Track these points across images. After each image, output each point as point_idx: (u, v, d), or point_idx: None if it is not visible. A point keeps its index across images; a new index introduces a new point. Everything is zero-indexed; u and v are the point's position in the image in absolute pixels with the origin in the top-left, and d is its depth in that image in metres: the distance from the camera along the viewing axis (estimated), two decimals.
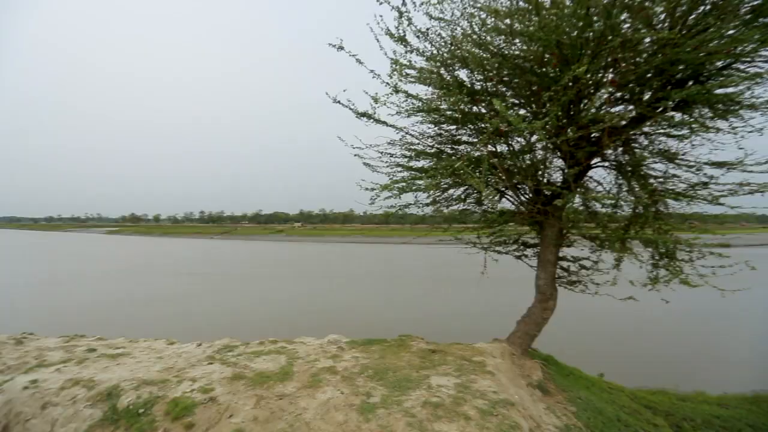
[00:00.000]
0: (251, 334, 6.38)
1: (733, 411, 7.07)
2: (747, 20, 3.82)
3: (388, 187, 4.68)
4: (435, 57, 4.92)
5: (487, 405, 3.71)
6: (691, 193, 4.76)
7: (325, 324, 14.82)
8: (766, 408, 7.42)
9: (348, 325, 15.37)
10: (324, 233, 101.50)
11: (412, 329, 6.37)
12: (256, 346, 5.38)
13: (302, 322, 16.54)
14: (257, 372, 4.40)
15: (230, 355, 5.00)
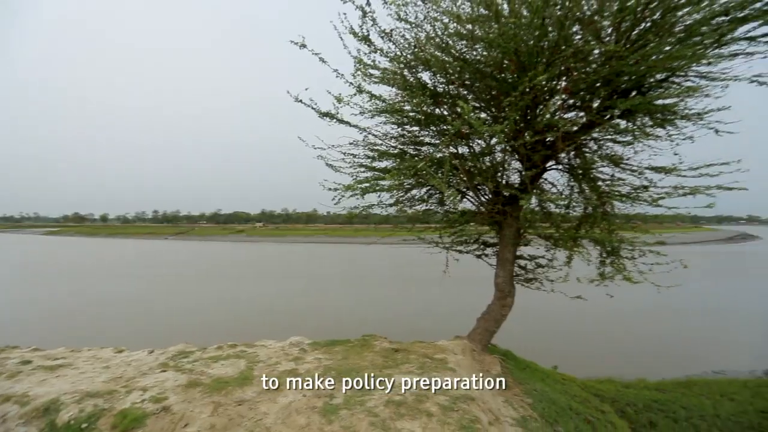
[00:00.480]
0: (209, 339, 6.11)
1: (669, 395, 7.72)
2: (681, 38, 4.17)
3: (352, 187, 4.67)
4: (399, 58, 4.97)
5: (448, 401, 3.79)
6: (634, 195, 5.13)
7: (287, 326, 14.53)
8: (697, 390, 8.17)
9: (311, 326, 15.16)
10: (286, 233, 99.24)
11: (377, 329, 6.38)
12: (214, 351, 5.17)
13: (264, 324, 16.08)
14: (215, 378, 4.23)
15: (185, 361, 4.76)
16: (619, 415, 6.50)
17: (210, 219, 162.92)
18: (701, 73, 4.56)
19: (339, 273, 34.72)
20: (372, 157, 5.49)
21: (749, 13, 3.86)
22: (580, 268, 5.70)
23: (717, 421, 6.57)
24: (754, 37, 4.10)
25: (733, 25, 3.94)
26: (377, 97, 4.87)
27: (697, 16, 4.06)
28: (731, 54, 4.26)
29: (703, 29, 4.02)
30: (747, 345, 14.17)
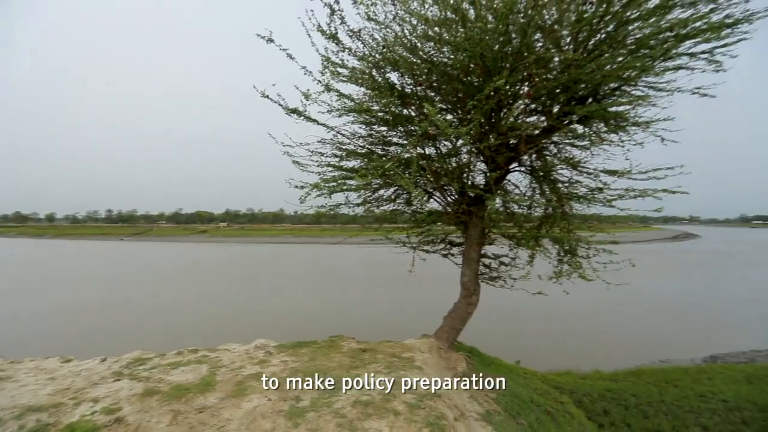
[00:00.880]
0: (168, 345, 5.83)
1: (621, 384, 8.21)
2: (632, 50, 4.45)
3: (319, 186, 4.62)
4: (367, 58, 4.97)
5: (415, 399, 3.83)
6: (590, 197, 5.42)
7: (252, 329, 14.14)
8: (646, 378, 8.74)
9: (278, 328, 14.84)
10: (252, 233, 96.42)
11: (345, 329, 6.35)
12: (174, 357, 4.93)
13: (228, 328, 15.56)
14: (174, 385, 4.04)
15: (142, 369, 4.51)
16: (577, 405, 6.84)
17: (170, 219, 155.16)
18: (650, 84, 4.90)
19: (306, 273, 34.22)
20: (340, 156, 5.46)
21: (690, 31, 4.19)
22: (542, 267, 5.95)
23: (662, 406, 7.07)
24: (694, 53, 4.47)
25: (677, 41, 4.26)
26: (346, 95, 4.86)
27: (646, 31, 4.36)
28: (675, 67, 4.61)
29: (651, 43, 4.32)
30: (689, 335, 15.33)
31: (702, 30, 4.15)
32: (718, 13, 4.17)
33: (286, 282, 28.80)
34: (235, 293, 24.16)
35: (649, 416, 6.77)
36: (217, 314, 18.58)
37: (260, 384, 4.09)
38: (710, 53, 4.43)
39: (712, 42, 4.29)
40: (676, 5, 4.23)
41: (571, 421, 5.82)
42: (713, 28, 4.09)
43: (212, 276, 32.55)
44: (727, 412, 6.68)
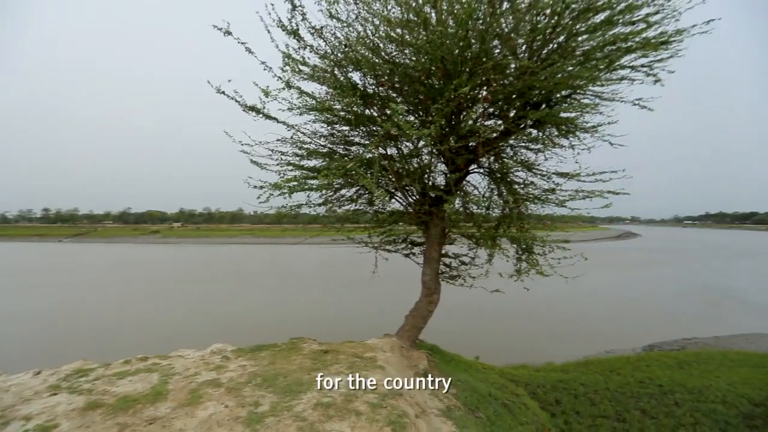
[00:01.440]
0: (114, 354, 5.44)
1: (571, 374, 8.72)
2: (581, 61, 4.74)
3: (279, 185, 4.52)
4: (329, 56, 4.92)
5: (377, 398, 3.84)
6: (544, 198, 5.70)
7: (208, 333, 13.56)
8: (593, 368, 9.34)
9: (236, 332, 14.34)
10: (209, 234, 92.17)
11: (307, 331, 6.25)
12: (120, 367, 4.61)
13: (181, 333, 14.80)
14: (121, 396, 3.77)
15: (84, 381, 4.17)
16: (531, 397, 7.18)
17: (117, 219, 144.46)
18: (596, 93, 5.24)
19: (266, 274, 33.24)
20: (301, 155, 5.37)
21: (631, 45, 4.53)
22: (501, 265, 6.18)
23: (607, 393, 7.59)
24: (635, 66, 4.84)
25: (619, 54, 4.59)
26: (307, 94, 4.77)
27: (593, 43, 4.66)
28: (619, 78, 4.97)
29: (597, 55, 4.62)
30: (631, 326, 16.55)
31: (641, 45, 4.50)
32: (654, 29, 4.55)
33: (245, 284, 27.82)
34: (189, 296, 23.02)
35: (595, 403, 7.23)
36: (170, 319, 17.60)
37: (216, 391, 3.93)
38: (649, 67, 4.82)
39: (650, 56, 4.68)
40: (619, 21, 4.57)
41: (526, 412, 6.09)
42: (650, 44, 4.45)
43: (164, 278, 30.77)
44: (662, 396, 7.29)
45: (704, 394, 7.16)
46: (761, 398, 6.88)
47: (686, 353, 10.92)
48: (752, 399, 6.90)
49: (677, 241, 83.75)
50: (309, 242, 6.75)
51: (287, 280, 29.75)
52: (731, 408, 6.68)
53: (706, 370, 8.69)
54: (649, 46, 4.47)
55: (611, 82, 5.00)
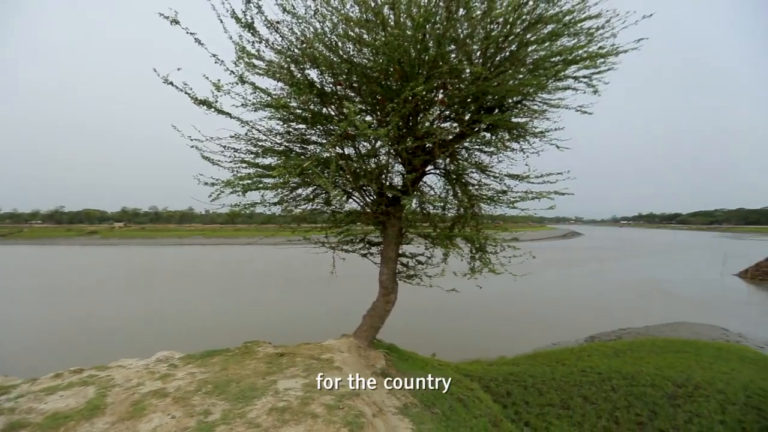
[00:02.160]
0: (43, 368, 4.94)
1: (521, 367, 9.17)
2: (531, 69, 5.01)
3: (232, 183, 4.34)
4: (285, 52, 4.80)
5: (333, 400, 3.81)
6: (496, 198, 5.96)
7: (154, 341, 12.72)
8: (541, 360, 9.89)
9: (185, 338, 13.57)
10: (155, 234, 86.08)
11: (262, 334, 6.06)
12: (50, 381, 4.20)
13: (122, 342, 13.77)
14: (50, 414, 3.43)
15: (4, 399, 3.75)
16: (484, 390, 7.46)
17: (48, 218, 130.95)
18: (545, 100, 5.56)
19: (219, 276, 31.78)
20: (255, 152, 5.19)
21: (575, 57, 4.86)
22: (455, 264, 6.36)
23: (553, 383, 8.07)
24: (577, 77, 5.20)
25: (564, 65, 4.90)
26: (262, 89, 4.62)
27: (542, 54, 4.94)
28: (564, 87, 5.31)
29: (546, 65, 4.90)
30: (575, 320, 17.70)
31: (582, 58, 4.85)
32: (594, 44, 4.92)
33: (195, 286, 26.39)
34: (131, 302, 21.43)
35: (543, 393, 7.66)
36: (109, 328, 16.28)
37: (162, 401, 3.70)
38: (589, 78, 5.19)
39: (590, 69, 5.05)
40: (564, 34, 4.88)
41: (479, 405, 6.32)
42: (590, 57, 4.80)
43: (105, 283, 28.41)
44: (601, 383, 7.87)
45: (636, 379, 7.83)
46: (682, 379, 7.66)
47: (621, 342, 11.88)
48: (675, 380, 7.65)
49: (614, 240, 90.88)
50: (264, 242, 6.55)
51: (241, 281, 28.62)
52: (658, 390, 7.37)
53: (638, 357, 9.51)
54: (589, 59, 4.83)
55: (557, 90, 5.34)
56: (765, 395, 6.97)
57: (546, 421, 6.75)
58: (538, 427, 6.63)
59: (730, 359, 9.23)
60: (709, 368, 8.42)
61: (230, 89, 4.48)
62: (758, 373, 8.24)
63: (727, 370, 8.34)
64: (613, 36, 4.90)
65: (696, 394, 7.16)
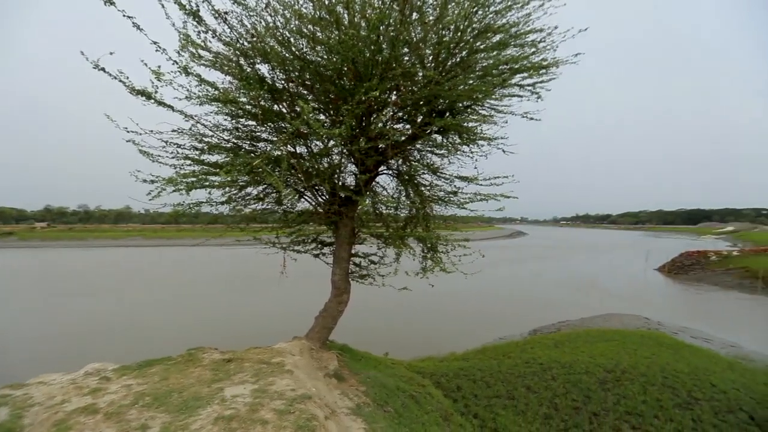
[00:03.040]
0: None
1: (470, 362, 9.53)
2: (480, 76, 5.23)
3: (174, 181, 4.07)
4: (234, 44, 4.59)
5: (284, 404, 3.71)
6: (447, 199, 6.14)
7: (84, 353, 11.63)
8: (489, 354, 10.35)
9: (121, 348, 12.54)
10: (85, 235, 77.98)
11: (209, 340, 5.76)
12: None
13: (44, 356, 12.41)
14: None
15: None
16: (436, 386, 7.66)
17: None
18: (493, 106, 5.82)
19: (160, 280, 29.66)
20: (201, 149, 4.91)
21: (520, 66, 5.16)
22: (407, 264, 6.47)
23: (500, 375, 8.47)
24: (523, 85, 5.51)
25: (511, 73, 5.18)
26: (208, 82, 4.38)
27: (490, 62, 5.18)
28: (511, 95, 5.61)
29: (493, 72, 5.14)
30: (520, 315, 18.75)
31: (527, 68, 5.16)
32: (538, 55, 5.25)
33: (133, 292, 24.40)
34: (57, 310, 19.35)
35: (490, 385, 8.02)
36: (28, 340, 14.58)
37: (92, 418, 3.38)
38: (533, 86, 5.53)
39: (534, 77, 5.38)
40: (511, 44, 5.16)
41: (431, 401, 6.48)
42: (534, 67, 5.12)
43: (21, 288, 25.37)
44: (542, 372, 8.40)
45: (573, 367, 8.45)
46: (612, 366, 8.39)
47: (561, 334, 12.78)
48: (606, 367, 8.37)
49: (555, 239, 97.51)
50: (210, 243, 6.21)
51: (185, 285, 26.94)
52: (591, 376, 8.01)
53: (574, 347, 10.28)
54: (533, 69, 5.15)
55: (504, 96, 5.62)
56: (678, 375, 7.84)
57: (493, 412, 7.07)
58: (486, 418, 6.93)
59: (651, 345, 10.28)
60: (633, 354, 9.31)
61: (173, 79, 4.20)
62: (673, 356, 9.26)
63: (648, 354, 9.27)
64: (553, 49, 5.27)
65: (623, 378, 7.87)
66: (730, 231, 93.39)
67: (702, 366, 8.51)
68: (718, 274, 29.01)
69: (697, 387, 7.42)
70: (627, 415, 6.82)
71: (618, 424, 6.62)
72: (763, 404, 6.87)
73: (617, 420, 6.73)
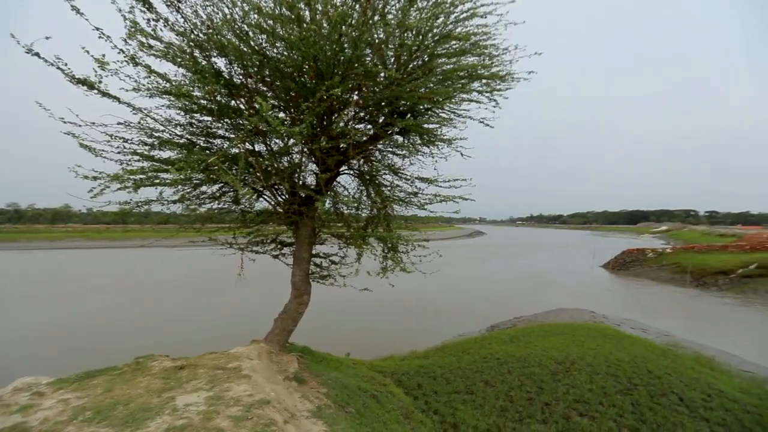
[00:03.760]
0: None
1: (430, 359, 9.72)
2: (440, 80, 5.35)
3: (120, 178, 3.81)
4: (188, 35, 4.38)
5: (241, 411, 3.60)
6: (408, 200, 6.22)
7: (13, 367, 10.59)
8: (448, 351, 10.61)
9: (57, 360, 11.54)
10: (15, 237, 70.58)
11: (160, 348, 5.44)
12: None
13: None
14: None
15: None
16: (397, 385, 7.73)
17: None
18: (453, 110, 5.98)
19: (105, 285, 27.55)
20: (151, 144, 4.62)
21: (479, 74, 5.35)
22: (368, 264, 6.48)
23: (459, 371, 8.72)
24: (481, 91, 5.71)
25: (469, 80, 5.35)
26: (159, 74, 4.13)
27: (450, 67, 5.32)
28: (470, 100, 5.79)
29: (453, 77, 5.29)
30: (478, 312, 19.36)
31: (485, 76, 5.36)
32: (496, 66, 5.48)
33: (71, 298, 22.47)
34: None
35: (450, 381, 8.23)
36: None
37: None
38: (490, 93, 5.74)
39: (491, 86, 5.60)
40: (470, 53, 5.34)
41: (392, 400, 6.53)
42: (491, 77, 5.34)
43: None
44: (499, 367, 8.74)
45: (527, 361, 8.87)
46: (562, 357, 8.91)
47: (516, 330, 13.37)
48: (556, 359, 8.87)
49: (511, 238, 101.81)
50: (161, 245, 5.86)
51: (133, 289, 25.23)
52: (544, 368, 8.46)
53: (528, 341, 10.80)
54: (490, 78, 5.37)
55: (464, 101, 5.80)
56: (620, 364, 8.47)
57: (453, 408, 7.26)
58: (445, 413, 7.10)
59: (597, 337, 11.03)
60: (581, 346, 9.93)
61: (119, 69, 3.93)
62: (615, 346, 9.99)
63: (594, 346, 9.93)
64: (510, 63, 5.53)
65: (572, 369, 8.38)
66: (665, 230, 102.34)
67: (640, 354, 9.25)
68: (654, 269, 31.67)
69: (636, 374, 8.05)
70: (575, 403, 7.26)
71: (567, 412, 7.03)
72: (689, 386, 7.58)
73: (567, 408, 7.14)
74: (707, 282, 26.36)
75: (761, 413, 6.83)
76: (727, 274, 26.22)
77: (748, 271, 25.39)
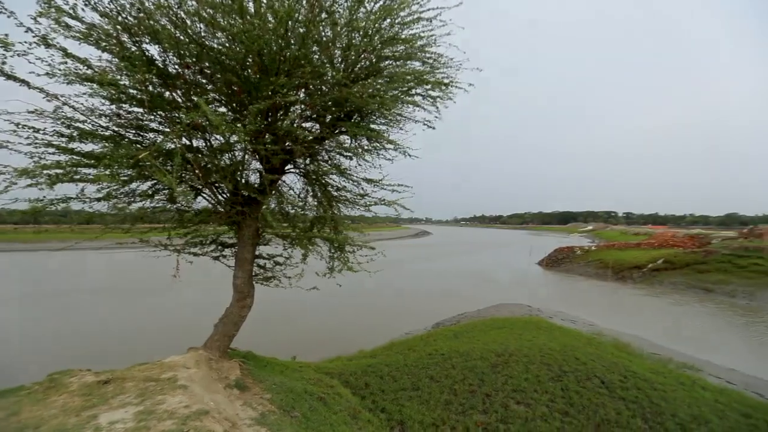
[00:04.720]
0: None
1: (378, 358, 9.79)
2: (387, 82, 5.42)
3: (31, 173, 3.38)
4: (115, 17, 4.00)
5: (176, 424, 3.38)
6: (354, 201, 6.21)
7: None
8: (395, 350, 10.76)
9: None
10: None
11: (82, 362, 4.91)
12: None
13: None
14: None
15: None
16: (345, 385, 7.69)
17: None
18: (399, 112, 6.07)
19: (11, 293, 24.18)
20: (69, 135, 4.14)
21: (424, 79, 5.51)
22: (314, 264, 6.38)
23: (406, 368, 8.88)
24: (425, 95, 5.87)
25: (415, 84, 5.49)
26: (78, 59, 3.73)
27: (397, 70, 5.41)
28: (414, 103, 5.92)
29: (400, 80, 5.38)
30: (424, 310, 19.86)
31: (430, 81, 5.53)
32: (441, 72, 5.68)
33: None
34: None
35: (396, 379, 8.35)
36: None
37: None
38: (434, 99, 5.93)
39: (436, 91, 5.78)
40: (416, 57, 5.47)
41: (339, 401, 6.49)
42: (435, 83, 5.51)
43: None
44: (443, 362, 9.05)
45: (470, 355, 9.28)
46: (501, 350, 9.45)
47: (460, 326, 13.91)
48: (496, 351, 9.39)
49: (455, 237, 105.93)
50: (82, 247, 5.29)
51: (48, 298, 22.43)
52: (485, 361, 8.90)
53: (471, 337, 11.30)
54: (435, 84, 5.54)
55: (409, 104, 5.92)
56: (552, 353, 9.17)
57: (399, 404, 7.38)
58: (392, 411, 7.20)
59: (532, 329, 11.84)
60: (519, 338, 10.60)
61: (27, 50, 3.48)
62: (548, 337, 10.80)
63: (530, 338, 10.66)
64: (457, 70, 5.75)
65: (510, 360, 8.91)
66: (590, 230, 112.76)
67: (569, 343, 10.09)
68: (582, 265, 34.70)
69: (566, 361, 8.76)
70: (513, 392, 7.73)
71: (506, 401, 7.47)
72: (609, 370, 8.42)
73: (505, 398, 7.58)
74: (624, 276, 29.47)
75: (665, 389, 7.78)
76: (640, 268, 29.51)
77: (656, 266, 28.83)
